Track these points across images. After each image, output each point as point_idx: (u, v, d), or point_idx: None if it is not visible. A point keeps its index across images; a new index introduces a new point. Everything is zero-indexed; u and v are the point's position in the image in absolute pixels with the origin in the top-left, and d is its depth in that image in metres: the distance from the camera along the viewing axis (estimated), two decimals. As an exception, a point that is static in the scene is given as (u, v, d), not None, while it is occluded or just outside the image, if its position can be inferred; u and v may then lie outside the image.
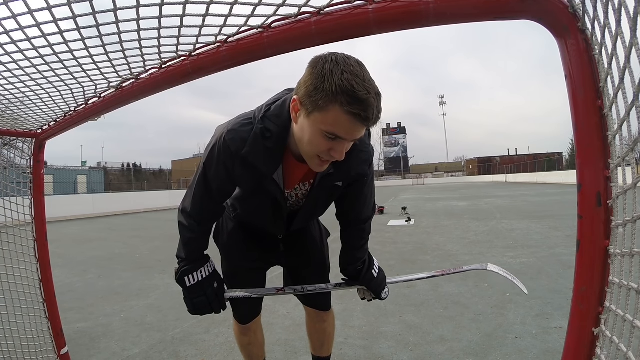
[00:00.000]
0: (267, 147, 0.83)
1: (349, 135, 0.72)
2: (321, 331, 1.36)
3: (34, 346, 1.54)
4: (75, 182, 24.11)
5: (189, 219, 1.01)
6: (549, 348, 1.75)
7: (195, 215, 1.00)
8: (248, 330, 1.28)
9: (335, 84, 0.66)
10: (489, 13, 0.55)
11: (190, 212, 1.00)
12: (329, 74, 0.67)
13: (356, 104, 0.66)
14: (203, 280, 1.03)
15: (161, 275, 3.71)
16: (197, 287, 1.02)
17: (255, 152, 0.84)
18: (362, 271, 1.14)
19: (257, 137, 0.83)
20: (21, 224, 1.54)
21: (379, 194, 20.14)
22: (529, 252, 3.83)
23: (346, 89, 0.66)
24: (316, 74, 0.69)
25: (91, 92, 1.09)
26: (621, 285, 0.48)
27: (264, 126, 0.83)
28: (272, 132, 0.83)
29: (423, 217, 7.82)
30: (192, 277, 1.02)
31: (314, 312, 1.33)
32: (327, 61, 0.69)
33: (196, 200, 0.98)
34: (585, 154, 0.52)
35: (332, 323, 1.37)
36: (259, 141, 0.83)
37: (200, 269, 1.03)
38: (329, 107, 0.68)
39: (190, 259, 1.03)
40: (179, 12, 0.66)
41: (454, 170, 64.01)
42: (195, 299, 1.02)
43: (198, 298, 1.02)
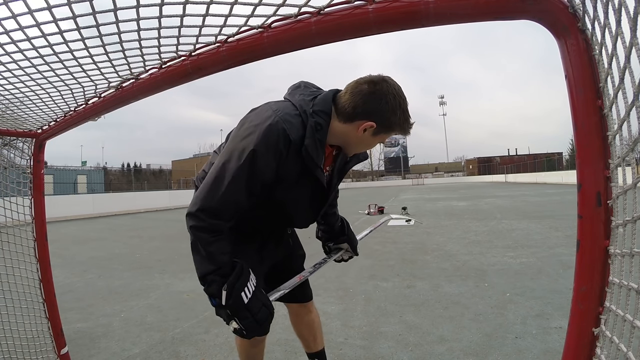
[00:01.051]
0: (319, 139, 0.91)
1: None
2: (310, 323, 1.36)
3: (34, 346, 1.54)
4: (75, 182, 24.11)
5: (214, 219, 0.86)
6: (549, 348, 1.75)
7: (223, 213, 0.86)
8: (259, 342, 1.26)
9: (406, 121, 0.93)
10: (488, 13, 0.55)
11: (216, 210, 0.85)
12: (403, 114, 0.91)
13: (408, 131, 0.96)
14: (255, 289, 0.88)
15: (161, 275, 3.71)
16: (255, 300, 0.86)
17: (313, 144, 0.90)
18: (345, 226, 1.33)
19: (312, 130, 0.90)
20: (21, 224, 1.54)
21: (379, 194, 20.14)
22: (529, 252, 3.83)
23: (410, 123, 0.94)
24: (396, 109, 0.89)
25: (91, 92, 1.09)
26: (621, 285, 0.48)
27: (316, 120, 0.91)
28: (322, 127, 0.91)
29: (423, 217, 7.82)
30: (247, 292, 0.85)
31: (297, 306, 1.34)
32: (401, 98, 0.90)
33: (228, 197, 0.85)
34: (585, 154, 0.52)
35: (317, 313, 1.40)
36: (314, 134, 0.90)
37: (249, 278, 0.88)
38: (396, 130, 0.94)
39: (228, 269, 0.87)
40: (179, 12, 0.66)
41: (454, 170, 64.01)
42: (257, 315, 0.86)
43: (260, 312, 0.86)
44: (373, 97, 0.88)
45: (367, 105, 0.88)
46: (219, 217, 0.86)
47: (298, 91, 0.99)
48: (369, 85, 0.88)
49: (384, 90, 0.88)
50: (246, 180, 0.86)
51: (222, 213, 0.86)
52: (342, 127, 0.94)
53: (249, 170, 0.85)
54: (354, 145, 0.99)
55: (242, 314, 0.84)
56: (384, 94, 0.87)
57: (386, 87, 0.88)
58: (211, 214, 0.86)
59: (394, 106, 0.88)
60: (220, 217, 0.87)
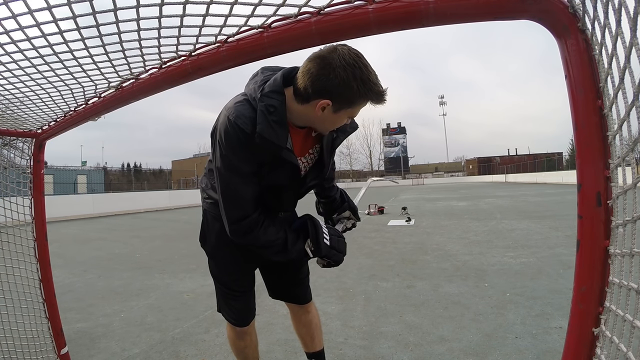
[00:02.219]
0: (274, 120, 0.89)
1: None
2: (308, 323, 1.37)
3: (34, 346, 1.54)
4: (75, 182, 24.11)
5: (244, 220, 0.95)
6: (549, 348, 1.75)
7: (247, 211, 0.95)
8: (245, 334, 1.28)
9: (368, 87, 0.83)
10: (489, 13, 0.55)
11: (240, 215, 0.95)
12: (365, 81, 0.82)
13: (380, 100, 0.87)
14: (329, 230, 1.09)
15: (161, 275, 3.71)
16: (333, 238, 1.07)
17: (267, 128, 0.88)
18: (345, 195, 1.32)
19: (263, 113, 0.88)
20: (21, 224, 1.54)
21: (379, 194, 20.14)
22: (529, 252, 3.83)
23: (377, 91, 0.85)
24: (342, 79, 0.81)
25: (91, 92, 1.09)
26: (621, 285, 0.48)
27: (265, 103, 0.89)
28: (275, 107, 0.89)
29: (423, 217, 7.82)
30: (326, 236, 1.05)
31: (296, 306, 1.35)
32: (354, 67, 0.81)
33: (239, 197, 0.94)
34: (585, 154, 0.52)
35: (316, 314, 1.40)
36: (266, 117, 0.88)
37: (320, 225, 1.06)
38: (360, 102, 0.87)
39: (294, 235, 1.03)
40: (179, 12, 0.66)
41: (454, 170, 64.00)
42: (339, 246, 1.08)
43: (339, 244, 1.08)
44: (320, 74, 0.82)
45: (316, 84, 0.83)
46: (247, 216, 0.95)
47: (252, 80, 0.97)
48: (316, 62, 0.82)
49: (332, 64, 0.80)
50: (242, 181, 0.94)
51: (247, 211, 0.95)
52: (302, 109, 0.90)
53: (236, 173, 0.93)
54: (319, 124, 0.95)
55: (331, 254, 1.06)
56: (332, 68, 0.80)
57: (335, 60, 0.80)
58: (240, 220, 0.95)
59: (345, 79, 0.80)
60: (248, 215, 0.96)
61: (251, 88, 0.93)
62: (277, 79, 0.91)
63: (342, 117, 0.92)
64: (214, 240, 1.18)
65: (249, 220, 0.95)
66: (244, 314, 1.25)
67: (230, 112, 0.89)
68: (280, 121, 0.89)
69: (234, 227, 0.96)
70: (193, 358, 1.88)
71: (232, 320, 1.25)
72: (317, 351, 1.39)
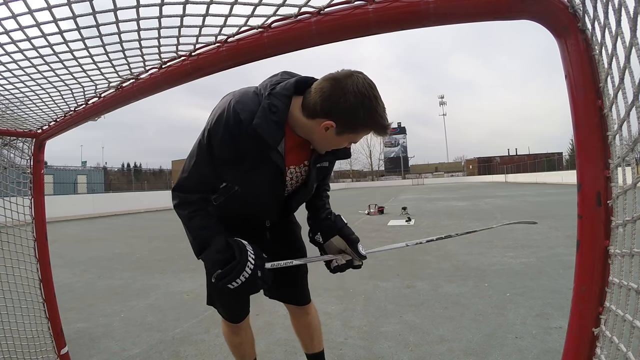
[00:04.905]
0: (274, 120, 0.90)
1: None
2: (307, 325, 1.36)
3: (34, 346, 1.54)
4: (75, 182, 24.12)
5: (184, 192, 0.97)
6: (549, 348, 1.75)
7: (192, 187, 0.97)
8: (239, 329, 1.28)
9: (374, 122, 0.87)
10: (488, 13, 0.55)
11: (186, 187, 0.97)
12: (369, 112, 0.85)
13: (383, 133, 0.91)
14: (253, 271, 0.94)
15: (161, 275, 3.71)
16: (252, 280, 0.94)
17: (263, 124, 0.89)
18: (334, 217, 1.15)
19: (265, 110, 0.89)
20: (21, 224, 1.54)
21: (379, 194, 20.14)
22: (529, 252, 3.83)
23: (381, 125, 0.88)
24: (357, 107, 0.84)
25: (91, 92, 1.09)
26: (621, 285, 0.48)
27: (270, 102, 0.90)
28: (278, 108, 0.90)
29: (423, 217, 7.82)
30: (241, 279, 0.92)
31: (295, 308, 1.34)
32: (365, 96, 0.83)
33: (194, 171, 0.96)
34: (585, 154, 0.52)
35: (315, 315, 1.39)
36: (267, 114, 0.89)
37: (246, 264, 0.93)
38: (363, 131, 0.90)
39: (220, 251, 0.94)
40: (179, 12, 0.66)
41: (454, 170, 63.99)
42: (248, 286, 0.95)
43: (251, 284, 0.94)
44: (332, 95, 0.84)
45: (325, 104, 0.85)
46: (188, 190, 0.98)
47: (269, 79, 0.98)
48: (330, 83, 0.85)
49: (345, 89, 0.83)
50: (208, 158, 0.94)
51: (191, 187, 0.97)
52: (307, 122, 0.92)
53: (208, 148, 0.93)
54: (318, 142, 0.97)
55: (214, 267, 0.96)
56: (343, 93, 0.83)
57: (349, 85, 0.83)
58: (182, 189, 0.98)
59: (354, 105, 0.83)
60: (189, 190, 0.98)
61: (264, 84, 0.95)
62: (290, 83, 0.93)
63: (343, 141, 0.94)
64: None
65: (189, 197, 0.98)
66: (238, 310, 1.25)
67: (235, 98, 0.91)
68: (279, 122, 0.90)
69: (176, 193, 0.99)
70: (193, 358, 1.88)
71: (226, 316, 1.25)
72: (317, 352, 1.39)
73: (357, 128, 0.89)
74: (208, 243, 0.96)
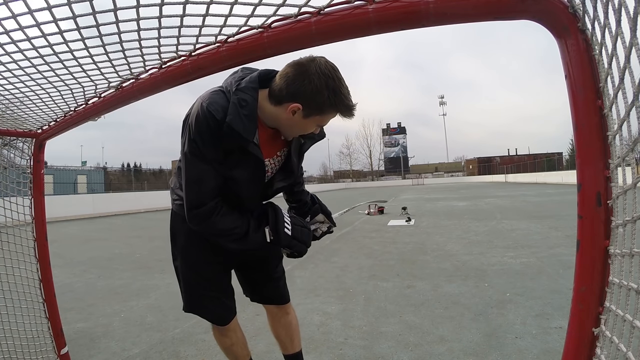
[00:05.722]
0: (245, 114, 0.91)
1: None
2: (287, 325, 1.35)
3: (34, 346, 1.54)
4: (75, 182, 24.12)
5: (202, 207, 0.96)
6: (549, 348, 1.75)
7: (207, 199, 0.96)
8: (228, 331, 1.28)
9: (338, 99, 0.89)
10: (488, 13, 0.55)
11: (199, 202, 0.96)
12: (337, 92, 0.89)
13: (349, 113, 0.94)
14: (292, 219, 1.08)
15: (161, 275, 3.71)
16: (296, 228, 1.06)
17: (236, 119, 0.90)
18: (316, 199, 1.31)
19: (235, 105, 0.91)
20: (21, 224, 1.54)
21: (379, 194, 20.14)
22: (529, 252, 3.83)
23: (347, 105, 0.91)
24: (315, 87, 0.87)
25: (91, 92, 1.09)
26: (621, 285, 0.48)
27: (239, 97, 0.92)
28: (247, 102, 0.92)
29: (423, 217, 7.82)
30: (287, 225, 1.04)
31: (275, 308, 1.34)
32: (328, 77, 0.87)
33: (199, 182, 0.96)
34: (585, 154, 0.52)
35: (294, 315, 1.38)
36: (238, 109, 0.91)
37: (282, 214, 1.06)
38: (329, 112, 0.93)
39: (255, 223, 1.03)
40: (179, 12, 0.66)
41: (454, 170, 63.99)
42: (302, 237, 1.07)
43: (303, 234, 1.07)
44: (296, 78, 0.88)
45: (290, 88, 0.89)
46: (205, 203, 0.97)
47: (231, 76, 1.00)
48: (294, 68, 0.88)
49: (309, 71, 0.86)
50: (206, 167, 0.95)
51: (206, 198, 0.97)
52: (273, 110, 0.95)
53: (201, 159, 0.94)
54: (287, 127, 0.99)
55: (293, 244, 1.05)
56: (307, 75, 0.86)
57: (312, 68, 0.86)
58: (199, 206, 0.97)
59: (319, 86, 0.86)
60: (206, 202, 0.97)
61: (228, 82, 0.97)
62: (253, 77, 0.96)
63: (310, 124, 0.96)
64: (184, 242, 1.20)
65: (207, 207, 0.97)
66: (222, 313, 1.25)
67: (205, 100, 0.92)
68: (250, 115, 0.92)
69: (193, 212, 0.97)
70: (193, 358, 1.88)
71: (213, 319, 1.26)
72: (296, 352, 1.38)
73: (323, 109, 0.91)
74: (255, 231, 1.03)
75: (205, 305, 1.22)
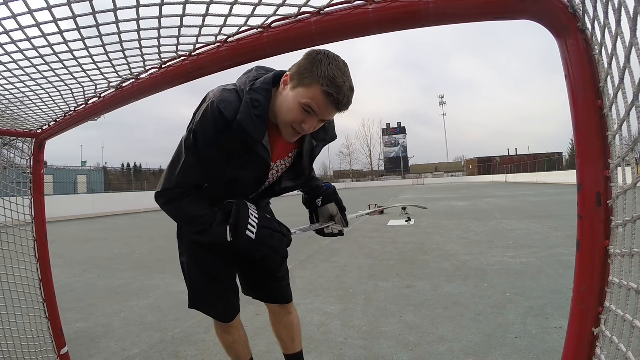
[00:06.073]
0: (256, 114, 0.91)
1: (320, 111, 0.88)
2: (289, 325, 1.35)
3: (34, 346, 1.54)
4: (75, 182, 24.12)
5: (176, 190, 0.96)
6: (549, 348, 1.75)
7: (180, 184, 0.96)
8: (231, 328, 1.28)
9: (321, 70, 0.84)
10: (488, 13, 0.55)
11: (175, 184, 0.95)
12: (319, 62, 0.84)
13: (333, 87, 0.84)
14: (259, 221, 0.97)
15: (161, 275, 3.71)
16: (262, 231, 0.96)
17: (247, 119, 0.90)
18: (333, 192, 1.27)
19: (247, 105, 0.90)
20: (21, 224, 1.54)
21: (379, 194, 20.13)
22: (529, 252, 3.83)
23: (329, 75, 0.83)
24: (310, 60, 0.86)
25: (91, 92, 1.09)
26: (621, 285, 0.48)
27: (252, 97, 0.91)
28: (260, 102, 0.92)
29: (423, 217, 7.82)
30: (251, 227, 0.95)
31: (277, 307, 1.34)
32: (320, 53, 0.86)
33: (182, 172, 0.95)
34: (585, 154, 0.52)
35: (296, 315, 1.38)
36: (250, 109, 0.90)
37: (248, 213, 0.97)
38: (312, 85, 0.85)
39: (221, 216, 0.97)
40: (179, 12, 0.66)
41: (454, 170, 63.98)
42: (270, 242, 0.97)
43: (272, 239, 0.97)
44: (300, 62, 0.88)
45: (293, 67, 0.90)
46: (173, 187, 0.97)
47: (245, 75, 1.00)
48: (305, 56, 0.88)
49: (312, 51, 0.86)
50: (195, 160, 0.94)
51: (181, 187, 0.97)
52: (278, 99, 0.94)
53: (194, 153, 0.94)
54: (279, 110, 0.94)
55: (255, 248, 0.96)
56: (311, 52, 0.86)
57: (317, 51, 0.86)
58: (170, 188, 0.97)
59: (315, 61, 0.84)
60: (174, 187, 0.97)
61: (243, 81, 0.96)
62: (268, 77, 0.95)
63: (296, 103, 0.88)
64: (191, 239, 1.18)
65: (179, 190, 0.96)
66: (226, 310, 1.24)
67: (216, 96, 0.91)
68: (262, 116, 0.92)
69: (165, 192, 0.97)
70: (193, 358, 1.88)
71: (217, 317, 1.26)
72: (297, 352, 1.38)
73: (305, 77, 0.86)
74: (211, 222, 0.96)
75: (209, 302, 1.22)
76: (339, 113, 0.91)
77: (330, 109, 0.87)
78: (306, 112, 0.88)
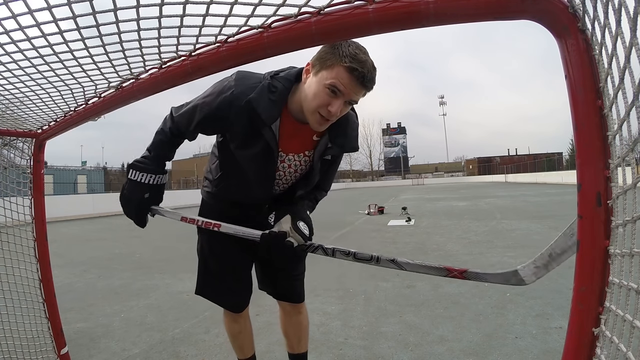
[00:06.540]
0: (270, 99, 0.93)
1: (346, 89, 0.87)
2: (297, 324, 1.36)
3: (34, 346, 1.54)
4: (75, 182, 24.12)
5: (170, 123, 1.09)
6: (549, 348, 1.75)
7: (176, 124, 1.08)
8: (239, 317, 1.29)
9: (342, 50, 0.85)
10: (488, 13, 0.55)
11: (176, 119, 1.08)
12: (338, 45, 0.86)
13: (356, 62, 0.84)
14: (142, 184, 1.09)
15: (161, 275, 3.71)
16: (134, 186, 1.10)
17: (259, 100, 0.92)
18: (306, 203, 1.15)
19: (264, 88, 0.93)
20: (21, 224, 1.54)
21: (379, 195, 20.13)
22: (529, 252, 3.82)
23: (350, 53, 0.84)
24: (330, 46, 0.87)
25: (91, 92, 1.09)
26: (621, 285, 0.48)
27: (271, 82, 0.95)
28: (277, 89, 0.94)
29: (423, 217, 7.82)
30: (138, 174, 1.09)
31: (288, 305, 1.34)
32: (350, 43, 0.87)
33: (184, 115, 1.05)
34: (585, 154, 0.52)
35: (306, 315, 1.38)
36: (265, 92, 0.93)
37: (150, 174, 1.10)
38: (335, 65, 0.85)
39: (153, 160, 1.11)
40: (179, 12, 0.66)
41: (454, 170, 63.99)
42: (128, 196, 1.12)
43: (132, 197, 1.11)
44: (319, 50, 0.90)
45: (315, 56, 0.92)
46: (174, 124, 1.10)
47: (283, 68, 1.03)
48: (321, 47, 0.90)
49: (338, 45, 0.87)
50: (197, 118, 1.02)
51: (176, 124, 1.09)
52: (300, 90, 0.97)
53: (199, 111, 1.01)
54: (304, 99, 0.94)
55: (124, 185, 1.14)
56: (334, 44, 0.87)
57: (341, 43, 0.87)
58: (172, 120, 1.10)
59: (335, 45, 0.86)
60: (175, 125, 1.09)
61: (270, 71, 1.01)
62: (292, 72, 0.99)
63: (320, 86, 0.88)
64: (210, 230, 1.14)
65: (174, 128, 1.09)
66: (238, 300, 1.26)
67: (239, 74, 0.96)
68: (277, 102, 0.94)
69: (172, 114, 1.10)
70: (193, 358, 1.88)
71: (227, 306, 1.27)
72: (302, 353, 1.38)
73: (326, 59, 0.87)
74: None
75: (222, 291, 1.23)
76: (365, 91, 0.90)
77: (355, 85, 0.87)
78: (332, 92, 0.88)
